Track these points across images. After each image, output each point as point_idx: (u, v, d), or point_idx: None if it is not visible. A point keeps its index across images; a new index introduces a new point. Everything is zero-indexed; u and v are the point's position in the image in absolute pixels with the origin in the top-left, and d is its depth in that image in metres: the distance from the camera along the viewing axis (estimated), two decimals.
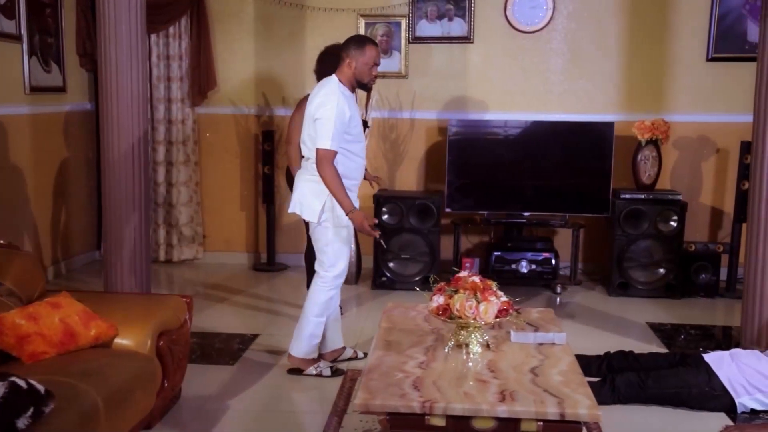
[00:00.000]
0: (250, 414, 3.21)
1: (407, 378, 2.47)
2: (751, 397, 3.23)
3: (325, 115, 3.38)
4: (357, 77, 3.52)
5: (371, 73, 3.55)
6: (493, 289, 2.73)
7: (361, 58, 3.48)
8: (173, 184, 5.78)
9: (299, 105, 4.27)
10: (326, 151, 3.37)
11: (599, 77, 5.54)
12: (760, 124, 3.59)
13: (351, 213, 3.41)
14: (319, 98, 3.45)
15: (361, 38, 3.62)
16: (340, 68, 3.52)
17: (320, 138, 3.38)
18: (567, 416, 2.25)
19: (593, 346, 3.89)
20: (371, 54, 3.50)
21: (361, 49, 3.48)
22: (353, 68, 3.49)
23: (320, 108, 3.41)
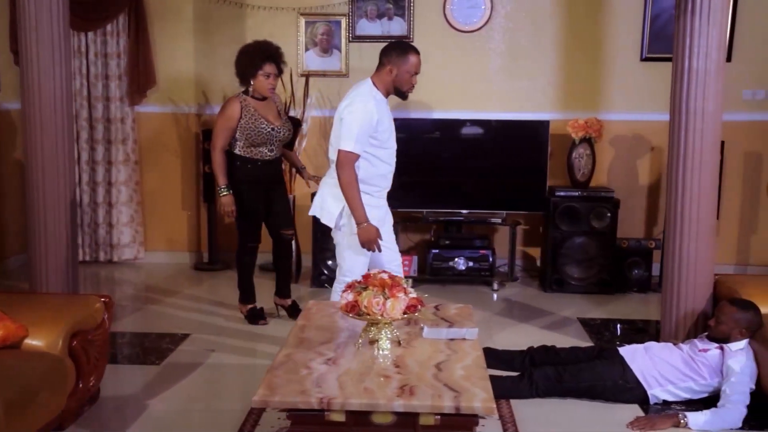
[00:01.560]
0: (168, 413, 3.20)
1: (311, 374, 2.49)
2: (662, 388, 3.31)
3: (352, 116, 3.31)
4: (396, 84, 3.44)
5: (411, 82, 3.47)
6: (403, 286, 2.75)
7: (404, 65, 3.40)
8: (113, 184, 5.73)
9: (222, 109, 4.20)
10: (347, 153, 3.30)
11: (537, 76, 5.61)
12: (675, 123, 3.67)
13: (362, 225, 3.33)
14: (348, 99, 3.40)
15: (403, 45, 3.51)
16: (378, 73, 3.44)
17: (344, 139, 3.31)
18: (462, 409, 2.29)
19: (524, 341, 3.96)
20: (414, 62, 3.43)
21: (404, 56, 3.40)
22: (393, 75, 3.40)
23: (347, 108, 3.35)
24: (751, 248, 5.63)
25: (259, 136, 4.13)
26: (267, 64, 4.10)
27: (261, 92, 4.15)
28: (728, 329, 3.27)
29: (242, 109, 4.11)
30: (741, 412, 3.10)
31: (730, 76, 5.35)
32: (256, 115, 4.12)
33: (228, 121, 4.10)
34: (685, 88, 3.60)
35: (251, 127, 4.10)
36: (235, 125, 4.10)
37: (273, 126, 4.16)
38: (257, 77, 4.11)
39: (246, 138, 4.12)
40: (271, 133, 4.16)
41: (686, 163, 3.64)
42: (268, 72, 4.11)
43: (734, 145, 5.46)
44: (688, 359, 3.31)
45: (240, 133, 4.11)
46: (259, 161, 4.19)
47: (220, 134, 4.12)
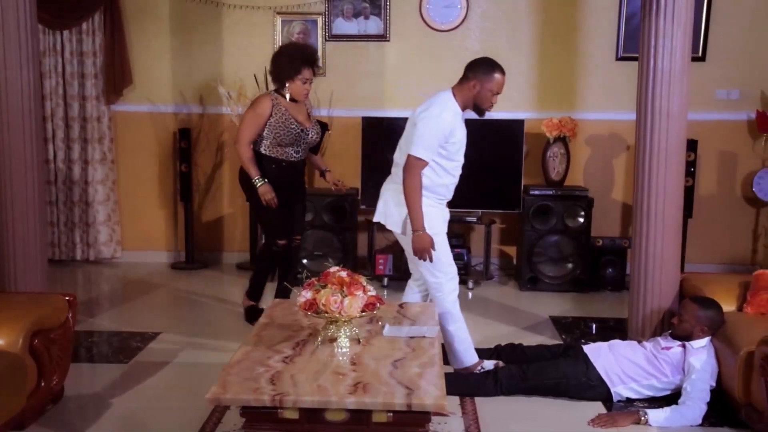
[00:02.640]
0: (131, 412, 3.20)
1: (267, 372, 2.50)
2: (625, 386, 3.33)
3: (427, 123, 3.30)
4: (476, 100, 3.41)
5: (492, 100, 3.45)
6: (362, 284, 2.76)
7: (488, 83, 3.38)
8: (89, 183, 5.72)
9: (253, 105, 4.10)
10: (417, 159, 3.30)
11: (513, 75, 5.53)
12: (641, 123, 3.69)
13: (418, 233, 3.32)
14: (425, 105, 3.38)
15: (491, 63, 3.45)
16: (461, 86, 3.42)
17: (415, 145, 3.31)
18: (414, 406, 2.29)
19: (496, 339, 3.97)
20: (498, 81, 3.41)
21: (490, 75, 3.38)
22: (476, 91, 3.38)
23: (422, 114, 3.34)
24: (726, 247, 5.67)
25: (289, 136, 4.03)
26: (306, 68, 4.02)
27: (296, 96, 4.06)
28: (690, 327, 3.30)
29: (273, 107, 4.01)
30: (701, 409, 3.12)
31: (704, 76, 5.45)
32: (287, 115, 4.03)
33: (258, 117, 4.00)
34: (650, 87, 3.63)
35: (281, 126, 4.01)
36: (264, 123, 4.00)
37: (303, 127, 4.07)
38: (294, 81, 4.01)
39: (274, 137, 4.02)
40: (300, 134, 4.06)
41: (652, 162, 3.67)
42: (306, 77, 4.03)
43: (708, 145, 5.50)
44: (651, 357, 3.34)
45: (269, 131, 4.02)
46: (284, 162, 4.09)
47: (248, 129, 4.02)
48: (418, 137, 3.32)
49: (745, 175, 5.55)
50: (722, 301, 3.47)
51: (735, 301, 3.53)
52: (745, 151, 5.55)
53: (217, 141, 5.81)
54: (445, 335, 3.53)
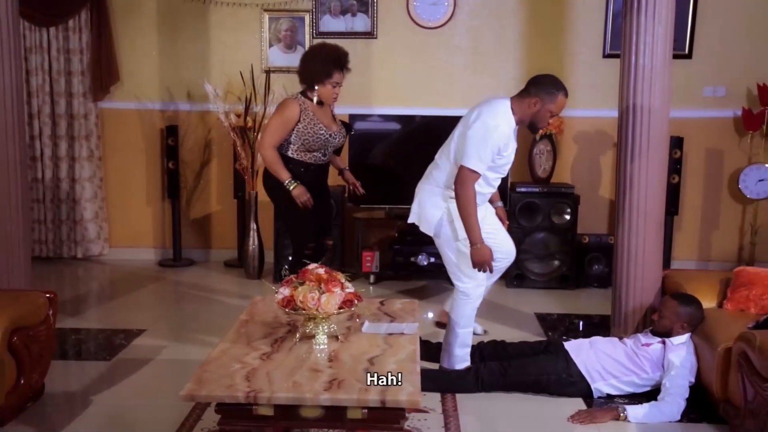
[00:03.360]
0: (112, 408, 3.20)
1: (243, 369, 2.50)
2: (605, 382, 3.34)
3: (483, 134, 3.23)
4: (534, 118, 3.35)
5: (549, 121, 3.41)
6: (340, 281, 2.77)
7: (549, 104, 3.31)
8: (76, 180, 5.71)
9: (280, 108, 3.94)
10: (471, 172, 3.24)
11: (500, 73, 5.63)
12: (623, 119, 3.70)
13: (476, 246, 3.26)
14: (484, 114, 3.29)
15: (556, 84, 3.36)
16: (520, 100, 3.35)
17: (469, 156, 3.23)
18: (388, 403, 2.30)
19: (479, 336, 3.99)
20: (560, 104, 3.35)
21: (553, 95, 3.31)
22: (535, 109, 3.31)
23: (479, 122, 3.25)
24: (713, 244, 5.68)
25: (317, 141, 3.91)
26: (338, 72, 3.90)
27: (324, 100, 3.94)
28: (670, 323, 3.31)
29: (301, 112, 3.86)
30: (680, 405, 3.13)
31: (690, 73, 5.47)
32: (315, 120, 3.89)
33: (286, 123, 3.85)
34: (632, 84, 3.64)
35: (310, 132, 3.88)
36: (292, 128, 3.86)
37: (331, 132, 3.95)
38: (325, 84, 3.88)
39: (303, 142, 3.90)
40: (329, 139, 3.96)
41: (634, 159, 3.68)
42: (337, 81, 3.90)
43: (695, 142, 5.52)
44: (631, 353, 3.35)
45: (296, 136, 3.88)
46: (312, 165, 3.98)
47: (275, 134, 3.86)
48: (472, 148, 3.23)
49: (731, 172, 5.56)
50: (703, 297, 3.49)
51: (715, 298, 3.55)
52: (731, 148, 5.56)
53: (205, 138, 5.80)
54: (449, 335, 3.54)
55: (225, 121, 5.31)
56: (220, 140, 5.73)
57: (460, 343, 3.53)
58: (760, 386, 2.69)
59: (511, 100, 3.36)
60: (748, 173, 5.33)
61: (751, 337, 2.79)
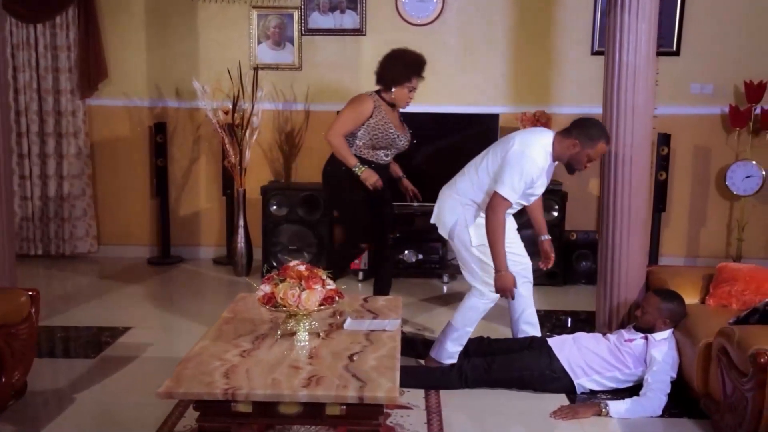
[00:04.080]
0: (95, 406, 3.20)
1: (222, 366, 2.50)
2: (588, 378, 3.35)
3: (521, 165, 3.27)
4: (571, 160, 3.38)
5: (586, 165, 3.43)
6: (321, 278, 2.77)
7: (589, 149, 3.34)
8: (64, 177, 5.69)
9: (355, 101, 4.02)
10: (503, 199, 3.29)
11: (489, 70, 5.64)
12: (607, 116, 3.71)
13: (500, 273, 3.30)
14: (524, 143, 3.33)
15: (599, 132, 3.38)
16: (562, 138, 3.37)
17: (504, 184, 3.28)
18: (366, 399, 2.31)
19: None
20: (600, 151, 3.39)
21: (594, 143, 3.34)
22: (574, 151, 3.34)
23: (518, 151, 3.29)
24: (700, 241, 5.70)
25: (386, 139, 3.98)
26: (416, 78, 3.99)
27: (398, 102, 4.01)
28: (653, 319, 3.32)
29: (374, 108, 3.95)
30: (661, 401, 3.15)
31: (678, 70, 5.48)
32: (386, 119, 3.96)
33: (359, 115, 3.93)
34: (615, 81, 3.65)
35: (381, 129, 3.95)
36: (362, 122, 3.93)
37: (398, 133, 4.03)
38: (402, 87, 3.96)
39: (371, 138, 3.95)
40: (395, 140, 4.03)
41: (618, 156, 3.69)
42: (413, 86, 3.98)
43: (683, 139, 5.53)
44: (614, 349, 3.36)
45: (366, 131, 3.95)
46: (374, 164, 4.01)
47: (346, 124, 3.94)
48: (508, 176, 3.28)
49: (718, 169, 5.58)
50: (686, 293, 3.50)
51: (699, 294, 3.56)
52: (718, 145, 5.58)
53: (194, 135, 5.79)
54: (448, 327, 3.57)
55: (213, 118, 5.30)
56: (208, 137, 5.73)
57: (454, 339, 3.55)
58: (739, 381, 2.70)
59: (555, 135, 3.39)
60: (735, 170, 5.35)
61: (731, 333, 2.80)
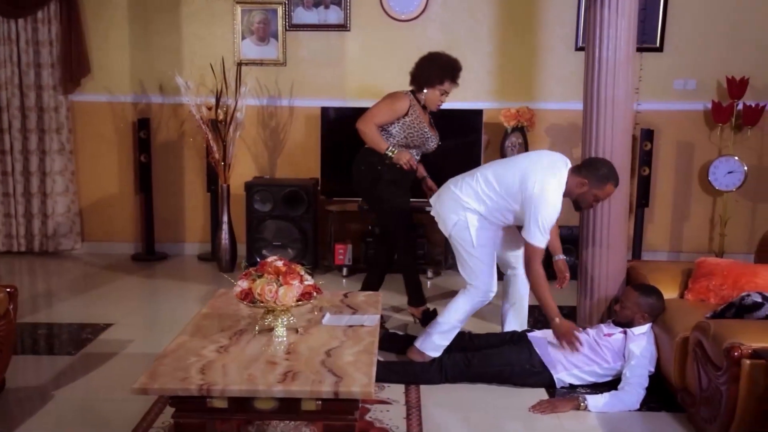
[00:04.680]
0: (74, 402, 3.19)
1: (198, 362, 2.50)
2: (568, 372, 3.37)
3: (546, 210, 3.27)
4: (579, 199, 3.41)
5: (592, 205, 3.48)
6: (299, 273, 2.77)
7: (597, 190, 3.37)
8: (47, 174, 5.66)
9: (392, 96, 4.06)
10: (537, 249, 3.29)
11: (474, 66, 5.61)
12: (587, 112, 3.72)
13: (555, 321, 3.31)
14: (546, 185, 3.30)
15: (609, 174, 3.39)
16: (573, 175, 3.37)
17: (533, 234, 3.28)
18: (341, 394, 2.31)
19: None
20: (607, 193, 3.41)
21: (603, 184, 3.36)
22: (582, 190, 3.37)
23: (542, 199, 3.27)
24: (684, 236, 5.73)
25: (419, 139, 4.03)
26: (449, 82, 4.03)
27: (429, 104, 4.05)
28: (631, 314, 3.34)
29: (410, 107, 4.00)
30: (639, 395, 3.17)
31: (661, 66, 5.51)
32: (420, 119, 4.03)
33: (394, 111, 3.98)
34: (596, 77, 3.66)
35: (415, 128, 4.01)
36: (395, 118, 3.98)
37: (431, 135, 4.09)
38: (435, 89, 4.01)
39: (406, 136, 4.00)
40: (428, 140, 4.08)
41: (598, 151, 3.71)
42: (446, 90, 4.03)
43: (666, 134, 5.56)
44: (593, 344, 3.37)
45: (401, 129, 4.00)
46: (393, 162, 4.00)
47: (379, 115, 3.99)
48: (534, 225, 3.28)
49: (701, 164, 5.61)
50: (666, 288, 3.52)
51: (678, 289, 3.58)
52: (701, 141, 5.61)
53: (178, 131, 5.78)
54: (437, 320, 3.60)
55: (197, 114, 5.28)
56: (193, 133, 5.70)
57: (443, 333, 3.58)
58: (714, 374, 2.72)
59: (569, 171, 3.40)
60: (717, 165, 5.38)
61: (706, 327, 2.82)
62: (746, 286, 3.29)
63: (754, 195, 5.59)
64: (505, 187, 3.43)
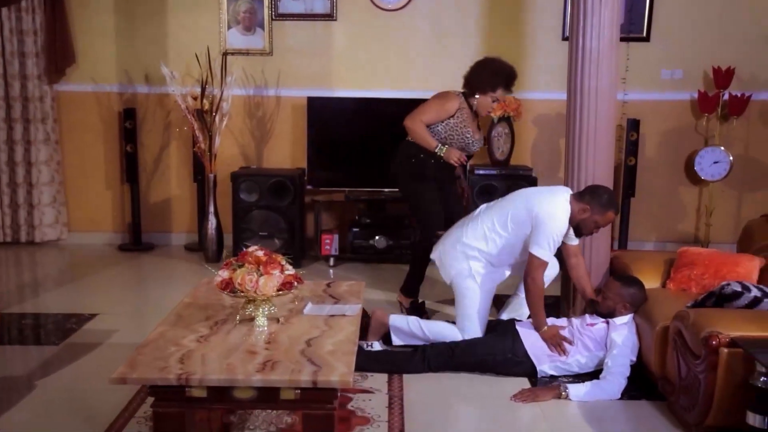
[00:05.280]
0: (56, 392, 3.19)
1: (178, 351, 2.50)
2: (551, 364, 3.38)
3: (554, 225, 3.37)
4: (581, 225, 3.46)
5: (593, 232, 3.52)
6: (280, 263, 2.77)
7: (598, 216, 3.42)
8: (33, 164, 5.63)
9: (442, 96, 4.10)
10: (542, 261, 3.39)
11: (460, 55, 5.56)
12: (571, 101, 3.73)
13: (543, 330, 3.38)
14: (552, 203, 3.42)
15: (610, 201, 3.45)
16: (575, 201, 3.43)
17: (540, 246, 3.37)
18: (319, 383, 2.31)
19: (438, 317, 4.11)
20: (607, 220, 3.47)
21: (604, 211, 3.42)
22: (584, 216, 3.42)
23: (550, 214, 3.38)
24: (670, 226, 5.76)
25: (460, 142, 4.05)
26: (502, 89, 4.05)
27: (480, 110, 4.08)
28: (613, 304, 3.36)
29: (458, 110, 4.03)
30: (620, 384, 3.19)
31: (648, 56, 5.51)
32: (466, 122, 4.06)
33: (443, 110, 4.02)
34: (579, 66, 3.66)
35: (458, 131, 4.03)
36: (444, 117, 4.02)
37: (474, 139, 4.10)
38: (486, 95, 4.03)
39: (447, 137, 4.03)
40: (470, 144, 4.10)
41: (582, 140, 3.71)
42: (497, 97, 4.06)
43: (652, 124, 5.57)
44: (577, 334, 3.39)
45: (443, 128, 4.03)
46: (443, 159, 4.04)
47: (427, 113, 4.04)
48: (543, 238, 3.37)
49: (688, 154, 5.62)
50: (648, 277, 3.54)
51: (660, 278, 3.60)
52: (688, 130, 5.62)
53: (164, 121, 5.75)
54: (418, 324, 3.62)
55: (182, 104, 5.26)
56: (179, 123, 5.68)
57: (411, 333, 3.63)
58: (692, 363, 2.74)
59: (571, 196, 3.47)
60: (703, 155, 5.40)
61: (686, 316, 2.84)
62: (728, 275, 3.31)
63: (740, 185, 5.62)
64: (514, 222, 3.50)
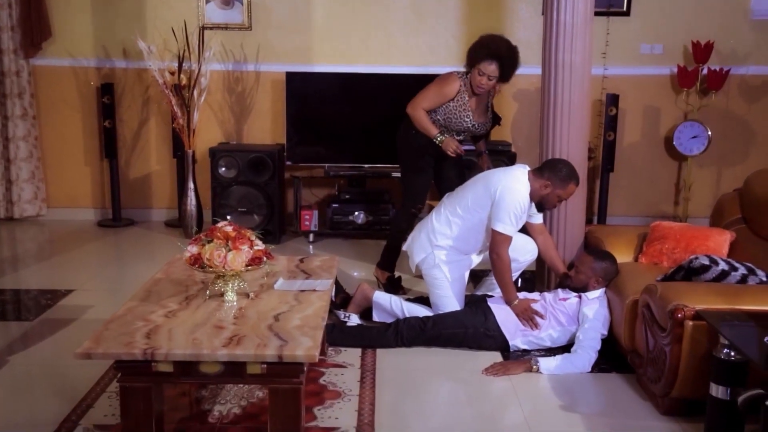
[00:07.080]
0: (28, 368, 3.19)
1: (145, 327, 2.50)
2: (524, 339, 3.41)
3: (512, 198, 3.38)
4: (543, 200, 3.47)
5: (556, 205, 3.53)
6: (249, 238, 2.77)
7: (559, 190, 3.44)
8: (10, 139, 5.58)
9: (443, 79, 4.02)
10: (505, 236, 3.39)
11: (440, 30, 5.60)
12: (545, 76, 3.71)
13: (513, 304, 3.41)
14: (510, 179, 3.43)
15: (570, 173, 3.46)
16: (535, 177, 3.44)
17: (501, 221, 3.39)
18: (285, 358, 2.33)
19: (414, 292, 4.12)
20: (569, 192, 3.47)
21: (565, 184, 3.43)
22: (545, 192, 3.44)
23: (508, 188, 3.39)
24: (649, 200, 5.78)
25: (458, 126, 4.01)
26: (487, 62, 3.84)
27: (474, 87, 3.95)
28: (586, 278, 3.38)
29: (458, 93, 3.96)
30: (591, 358, 3.22)
31: (628, 31, 5.49)
32: (465, 107, 3.98)
33: (442, 95, 3.97)
34: (554, 40, 3.64)
35: (455, 115, 3.99)
36: (443, 102, 3.98)
37: (475, 123, 4.04)
38: (475, 70, 3.89)
39: (445, 120, 4.00)
40: (470, 128, 4.06)
41: (556, 115, 3.71)
42: (484, 71, 3.86)
43: (632, 99, 5.57)
44: (550, 308, 3.41)
45: (442, 112, 4.00)
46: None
47: (428, 99, 3.99)
48: (504, 212, 3.38)
49: (667, 129, 5.63)
50: (621, 252, 3.57)
51: (633, 252, 3.63)
52: (667, 105, 5.63)
53: (143, 96, 5.70)
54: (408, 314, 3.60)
55: (160, 78, 5.21)
56: (158, 98, 5.63)
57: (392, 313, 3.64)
58: (659, 335, 2.77)
59: (529, 172, 3.48)
60: (682, 130, 5.41)
61: (653, 289, 2.86)
62: (698, 249, 3.34)
63: (718, 159, 5.64)
64: (474, 203, 3.51)
